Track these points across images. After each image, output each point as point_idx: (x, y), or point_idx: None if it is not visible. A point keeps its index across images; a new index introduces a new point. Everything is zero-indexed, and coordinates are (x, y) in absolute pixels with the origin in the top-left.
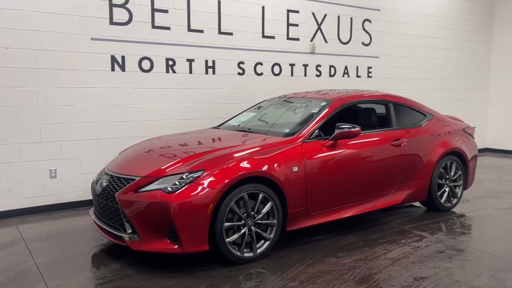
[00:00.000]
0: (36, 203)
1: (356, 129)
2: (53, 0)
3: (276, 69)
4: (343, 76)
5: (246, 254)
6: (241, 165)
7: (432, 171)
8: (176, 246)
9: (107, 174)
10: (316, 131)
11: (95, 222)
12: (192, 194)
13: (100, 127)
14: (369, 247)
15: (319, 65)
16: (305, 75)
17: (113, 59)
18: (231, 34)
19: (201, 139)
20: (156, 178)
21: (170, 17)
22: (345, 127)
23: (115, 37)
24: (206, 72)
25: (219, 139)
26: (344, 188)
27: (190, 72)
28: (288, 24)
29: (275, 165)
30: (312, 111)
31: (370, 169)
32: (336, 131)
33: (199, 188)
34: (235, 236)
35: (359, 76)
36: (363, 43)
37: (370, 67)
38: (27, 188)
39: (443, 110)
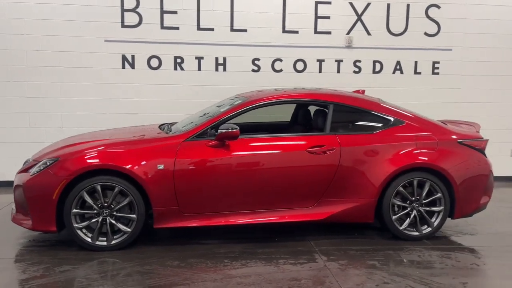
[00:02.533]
0: None
1: (234, 130)
2: (73, 9)
3: (299, 66)
4: (393, 72)
5: (98, 243)
6: (92, 156)
7: (380, 188)
8: (30, 223)
9: None
10: (211, 130)
11: None
12: (42, 179)
13: (111, 117)
14: (233, 260)
15: (358, 61)
16: (339, 72)
17: (124, 58)
18: (245, 31)
19: (114, 134)
20: (36, 163)
21: (179, 17)
22: (224, 128)
23: (126, 39)
24: (216, 69)
25: (126, 134)
26: (233, 193)
27: (199, 69)
28: (317, 17)
29: (135, 160)
30: (221, 110)
31: (273, 176)
32: (218, 132)
33: (49, 175)
34: (85, 223)
35: (418, 73)
36: (426, 33)
37: (437, 62)
38: None
39: None
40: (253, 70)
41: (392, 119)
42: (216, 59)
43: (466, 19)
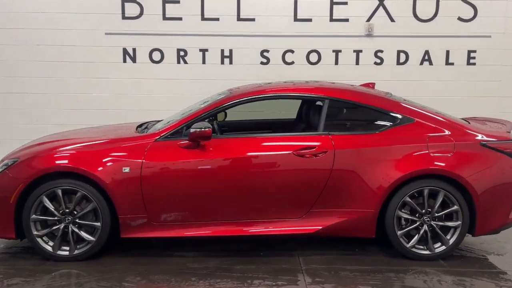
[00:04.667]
0: None
1: (206, 129)
2: (74, 2)
3: (313, 57)
4: (421, 63)
5: (60, 252)
6: (52, 158)
7: (383, 198)
8: None
9: None
10: (186, 129)
11: None
12: (1, 181)
13: (113, 114)
14: (202, 278)
15: (380, 51)
16: (357, 63)
17: (125, 51)
18: (252, 20)
19: (86, 133)
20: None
21: (182, 7)
22: (196, 127)
23: (127, 31)
24: (222, 62)
25: (99, 133)
26: (207, 201)
27: (203, 62)
28: (332, 3)
29: (98, 162)
30: (200, 106)
31: (253, 182)
32: (190, 131)
33: (7, 177)
34: (46, 231)
35: (451, 64)
36: (460, 18)
37: (473, 51)
38: None
39: None
40: (262, 63)
41: (399, 116)
42: (222, 51)
43: (507, 0)
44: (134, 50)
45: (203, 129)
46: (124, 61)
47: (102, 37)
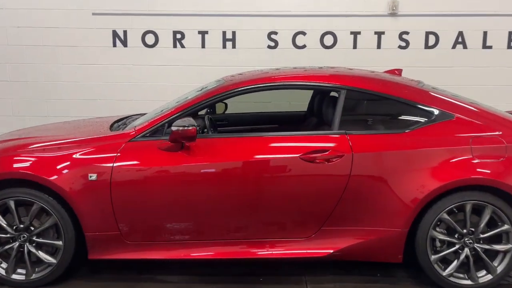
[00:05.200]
0: None
1: (189, 128)
2: None
3: (328, 40)
4: (453, 47)
5: (15, 276)
6: (3, 162)
7: (413, 214)
8: None
9: None
10: (168, 127)
11: None
12: None
13: (102, 104)
14: None
15: (405, 32)
16: (379, 47)
17: (115, 34)
18: None
19: (52, 130)
20: None
21: None
22: (177, 125)
23: (117, 11)
24: (224, 46)
25: (68, 130)
26: (195, 216)
27: (203, 46)
28: None
29: (60, 167)
30: (188, 98)
31: (250, 194)
32: (172, 130)
33: None
34: None
35: (488, 47)
36: None
37: None
38: None
39: None
40: (269, 47)
41: (435, 111)
42: (224, 33)
43: None
44: (125, 32)
45: (185, 128)
46: (114, 45)
47: (89, 18)
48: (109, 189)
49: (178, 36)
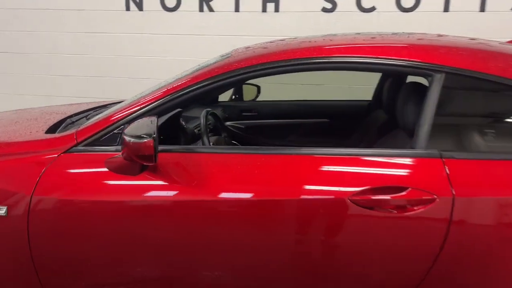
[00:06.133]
0: None
1: (143, 140)
2: None
3: (407, 0)
4: None
5: None
6: None
7: None
8: None
9: None
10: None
11: None
12: None
13: (112, 83)
14: None
15: None
16: (482, 10)
17: None
18: None
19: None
20: None
21: None
22: (131, 135)
23: None
24: (264, 10)
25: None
26: (154, 269)
27: (237, 9)
28: None
29: None
30: (177, 78)
31: (262, 258)
32: (123, 141)
33: None
34: None
35: None
36: None
37: None
38: None
39: None
40: (325, 10)
41: None
42: None
43: None
44: None
45: (138, 141)
46: (128, 8)
47: None
48: (27, 228)
49: None
